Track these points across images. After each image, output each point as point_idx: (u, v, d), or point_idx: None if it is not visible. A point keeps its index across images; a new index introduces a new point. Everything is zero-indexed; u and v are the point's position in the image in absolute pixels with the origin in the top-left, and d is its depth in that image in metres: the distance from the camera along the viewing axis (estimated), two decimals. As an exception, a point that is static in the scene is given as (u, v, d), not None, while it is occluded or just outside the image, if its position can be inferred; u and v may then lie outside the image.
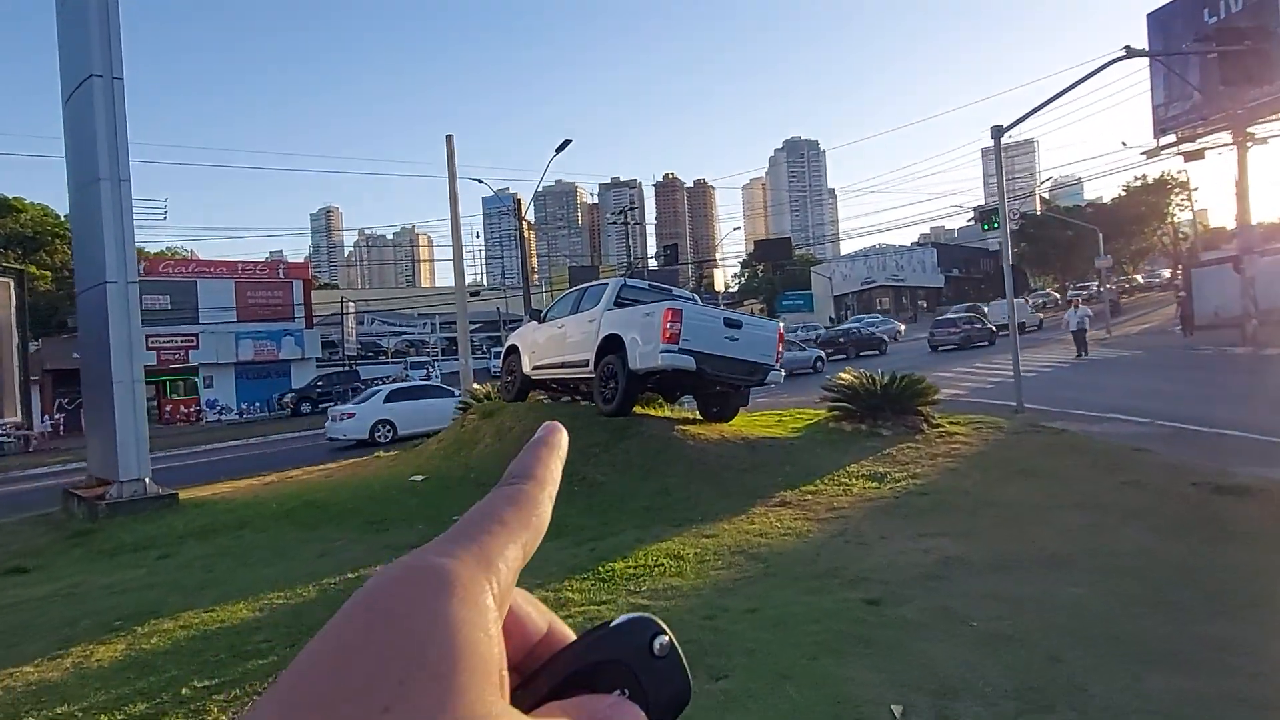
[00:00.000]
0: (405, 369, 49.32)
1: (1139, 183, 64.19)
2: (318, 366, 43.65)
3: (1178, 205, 66.02)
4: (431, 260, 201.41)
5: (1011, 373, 19.63)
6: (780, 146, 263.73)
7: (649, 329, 8.95)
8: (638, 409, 10.04)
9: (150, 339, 37.60)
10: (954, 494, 6.83)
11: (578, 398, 12.09)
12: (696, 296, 11.46)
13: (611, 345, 9.68)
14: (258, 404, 39.54)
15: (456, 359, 27.85)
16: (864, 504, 6.69)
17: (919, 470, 7.68)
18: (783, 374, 9.76)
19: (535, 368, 11.54)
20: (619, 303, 10.15)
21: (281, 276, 42.93)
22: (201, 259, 52.37)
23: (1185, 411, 11.22)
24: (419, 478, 9.42)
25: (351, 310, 49.24)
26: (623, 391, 9.35)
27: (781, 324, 10.18)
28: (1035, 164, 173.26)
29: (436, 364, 49.94)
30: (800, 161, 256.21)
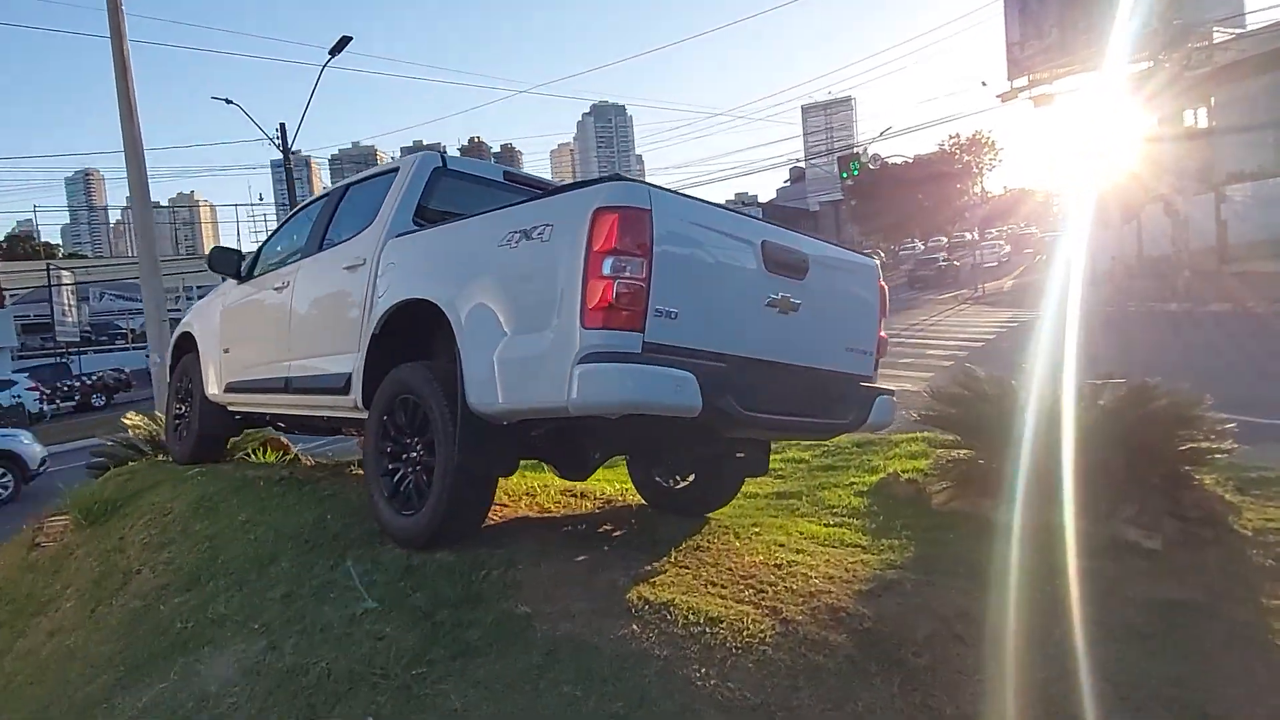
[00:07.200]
0: (150, 356, 38.49)
1: (952, 141, 65.08)
2: (15, 358, 32.17)
3: (987, 165, 68.19)
4: (215, 222, 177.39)
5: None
6: (588, 111, 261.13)
7: (537, 284, 2.62)
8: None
9: None
10: None
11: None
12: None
13: (409, 336, 3.33)
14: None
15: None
16: None
17: None
18: (892, 402, 3.83)
19: (231, 388, 4.84)
20: (425, 215, 3.73)
21: (-56, 237, 30.61)
22: None
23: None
24: None
25: (68, 282, 37.29)
26: (447, 486, 2.90)
27: (879, 261, 3.95)
28: (853, 121, 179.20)
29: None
30: (609, 127, 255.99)
